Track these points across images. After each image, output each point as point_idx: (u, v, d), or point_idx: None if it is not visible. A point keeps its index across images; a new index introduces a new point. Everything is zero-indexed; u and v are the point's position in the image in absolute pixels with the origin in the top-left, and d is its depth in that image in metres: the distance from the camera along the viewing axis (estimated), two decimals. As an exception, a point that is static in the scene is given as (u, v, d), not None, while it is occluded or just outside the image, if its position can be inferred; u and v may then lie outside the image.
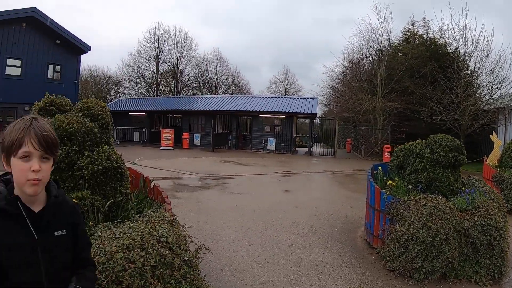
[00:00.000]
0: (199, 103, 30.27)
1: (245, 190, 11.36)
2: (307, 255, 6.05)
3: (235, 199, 10.07)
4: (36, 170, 1.56)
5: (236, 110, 27.10)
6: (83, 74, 47.22)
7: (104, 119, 4.64)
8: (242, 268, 5.46)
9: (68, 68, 27.99)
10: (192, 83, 55.24)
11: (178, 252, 3.40)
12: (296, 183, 13.16)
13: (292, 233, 7.17)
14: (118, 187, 4.34)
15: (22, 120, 1.64)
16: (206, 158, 21.31)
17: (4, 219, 1.57)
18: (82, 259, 1.85)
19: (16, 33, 24.81)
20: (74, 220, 1.82)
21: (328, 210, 8.99)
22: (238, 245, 6.43)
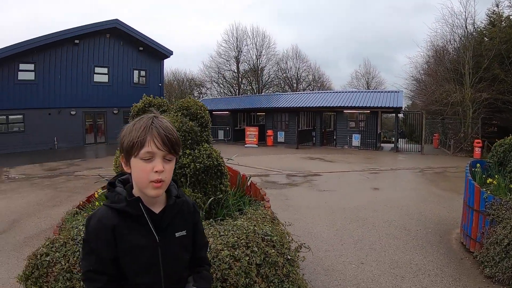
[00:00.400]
0: (281, 101, 30.42)
1: (333, 188, 11.33)
2: (401, 256, 5.92)
3: (324, 197, 10.09)
4: (160, 171, 1.50)
5: (319, 106, 26.85)
6: (167, 78, 49.31)
7: (203, 118, 4.70)
8: (335, 267, 5.47)
9: (153, 72, 30.02)
10: (273, 81, 55.46)
11: (282, 250, 3.34)
12: (385, 181, 12.91)
13: (385, 233, 7.07)
14: (218, 184, 4.39)
15: (142, 118, 1.57)
16: (291, 155, 21.39)
17: (125, 221, 1.56)
18: (199, 258, 1.82)
19: (102, 44, 27.22)
20: (194, 220, 1.79)
21: (420, 210, 8.74)
22: (330, 244, 6.45)
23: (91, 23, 26.53)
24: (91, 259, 1.55)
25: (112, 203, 1.59)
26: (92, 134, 28.49)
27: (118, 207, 1.56)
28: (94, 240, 1.55)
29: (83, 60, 26.85)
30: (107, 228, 1.54)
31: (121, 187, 1.64)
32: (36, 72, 24.90)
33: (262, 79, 54.09)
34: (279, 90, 53.72)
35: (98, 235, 1.54)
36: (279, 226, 3.93)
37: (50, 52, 25.25)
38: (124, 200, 1.57)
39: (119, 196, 1.59)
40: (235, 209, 4.45)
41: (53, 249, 3.24)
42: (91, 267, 1.54)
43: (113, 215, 1.56)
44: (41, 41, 24.24)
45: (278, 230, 3.65)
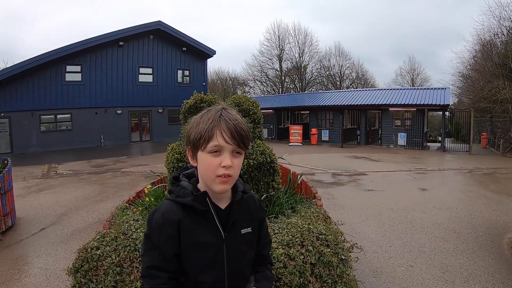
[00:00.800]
0: (325, 99, 30.07)
1: (380, 187, 11.07)
2: (450, 260, 5.68)
3: (371, 197, 9.88)
4: (227, 166, 1.43)
5: (364, 104, 26.41)
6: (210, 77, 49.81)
7: (256, 114, 4.73)
8: (383, 270, 5.33)
9: (196, 72, 30.57)
10: (316, 79, 54.92)
11: (336, 250, 3.25)
12: (432, 181, 12.47)
13: (434, 235, 6.81)
14: (270, 182, 4.37)
15: (210, 110, 1.52)
16: (336, 153, 21.14)
17: (190, 215, 1.51)
18: (262, 256, 1.75)
19: (145, 45, 27.98)
20: (260, 217, 1.73)
21: (470, 212, 8.38)
22: (378, 245, 6.29)
23: (134, 25, 27.29)
24: (153, 254, 1.50)
25: (177, 197, 1.54)
26: (137, 132, 29.12)
27: (183, 201, 1.51)
28: (157, 235, 1.50)
29: (128, 61, 27.64)
30: (171, 223, 1.49)
31: (186, 181, 1.60)
32: (83, 73, 25.91)
33: (305, 77, 53.69)
34: (323, 88, 53.25)
35: (162, 230, 1.49)
36: (332, 225, 3.85)
37: (96, 54, 26.17)
38: (190, 194, 1.52)
39: (185, 190, 1.55)
40: (288, 207, 4.37)
41: (103, 243, 3.27)
42: (152, 263, 1.50)
43: (178, 209, 1.51)
44: (87, 43, 25.19)
45: (331, 229, 3.56)
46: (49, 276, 5.53)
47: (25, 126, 23.96)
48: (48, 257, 6.30)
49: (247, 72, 56.25)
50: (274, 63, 53.68)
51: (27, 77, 23.74)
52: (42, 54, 23.87)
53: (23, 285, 5.30)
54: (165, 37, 28.83)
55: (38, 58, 23.67)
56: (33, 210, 9.29)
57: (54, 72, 24.75)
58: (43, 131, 24.98)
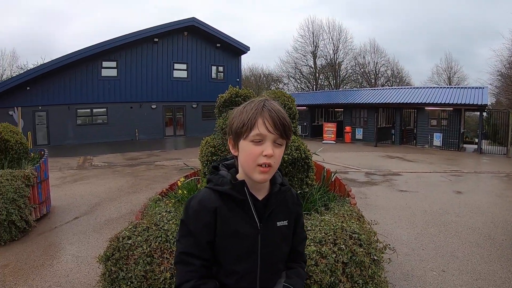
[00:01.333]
0: (360, 96, 29.63)
1: (414, 189, 10.82)
2: (484, 267, 5.45)
3: (404, 197, 9.66)
4: (269, 155, 1.44)
5: (399, 102, 25.74)
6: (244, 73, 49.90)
7: (291, 109, 4.70)
8: (415, 273, 5.18)
9: (230, 68, 30.75)
10: (351, 76, 54.18)
11: (368, 250, 3.18)
12: (468, 184, 12.06)
13: (468, 240, 6.57)
14: (304, 178, 4.32)
15: (253, 101, 1.54)
16: (370, 152, 20.83)
17: (227, 204, 1.52)
18: (296, 252, 1.74)
19: (180, 41, 28.35)
20: (297, 211, 1.73)
21: (506, 218, 8.02)
22: (411, 248, 6.14)
23: (169, 22, 27.61)
24: (188, 241, 1.52)
25: (216, 185, 1.56)
26: (171, 127, 29.45)
27: (221, 190, 1.53)
28: (193, 222, 1.52)
29: (163, 57, 28.01)
30: (208, 210, 1.51)
31: (225, 171, 1.62)
32: (118, 68, 26.49)
33: (339, 74, 53.04)
34: (357, 85, 52.38)
35: (198, 217, 1.51)
36: (366, 224, 3.77)
37: (131, 50, 26.72)
38: (228, 183, 1.54)
39: (223, 179, 1.57)
40: (321, 204, 4.31)
41: (135, 233, 3.31)
42: (186, 249, 1.52)
43: (215, 197, 1.53)
44: (123, 40, 25.73)
45: (365, 229, 3.49)
46: (80, 263, 5.65)
47: (62, 119, 24.74)
48: (80, 245, 6.45)
49: (281, 68, 56.26)
50: (308, 60, 53.35)
51: (64, 72, 24.50)
52: (79, 50, 24.54)
53: (55, 270, 5.43)
54: (199, 34, 29.05)
55: (75, 54, 24.36)
56: (67, 200, 9.52)
57: (91, 68, 25.46)
58: (79, 124, 25.72)
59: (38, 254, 6.06)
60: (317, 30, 51.92)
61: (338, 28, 52.34)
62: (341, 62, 52.57)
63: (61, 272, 5.36)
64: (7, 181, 6.64)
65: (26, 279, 5.18)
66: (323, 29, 52.09)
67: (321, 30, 51.99)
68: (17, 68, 45.00)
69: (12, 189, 6.57)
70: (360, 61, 53.57)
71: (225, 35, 29.67)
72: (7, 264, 5.68)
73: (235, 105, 4.73)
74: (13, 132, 8.14)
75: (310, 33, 51.94)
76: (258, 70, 57.96)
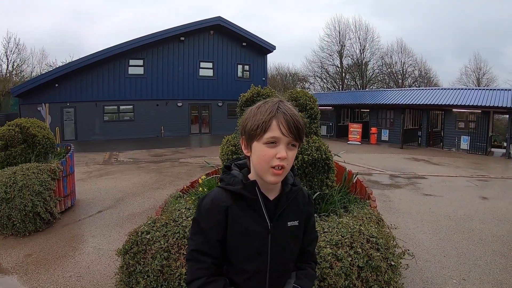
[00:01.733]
0: (386, 97, 28.95)
1: (439, 193, 10.58)
2: (506, 277, 5.26)
3: (428, 202, 9.47)
4: (283, 158, 1.44)
5: (426, 104, 24.99)
6: (270, 72, 49.77)
7: (313, 109, 4.66)
8: (435, 281, 5.07)
9: (256, 67, 30.84)
10: (377, 76, 53.21)
11: (386, 255, 3.13)
12: (495, 190, 11.67)
13: (491, 248, 6.36)
14: (324, 179, 4.29)
15: (267, 102, 1.51)
16: (395, 155, 20.47)
17: (239, 204, 1.54)
18: (306, 252, 1.75)
19: (206, 40, 28.60)
20: (308, 211, 1.73)
21: None
22: (432, 254, 6.00)
23: (195, 21, 27.85)
24: (199, 238, 1.56)
25: (227, 185, 1.58)
26: (197, 125, 29.67)
27: (233, 189, 1.54)
28: (205, 220, 1.55)
29: (189, 56, 28.26)
30: (219, 209, 1.53)
31: (237, 171, 1.64)
32: (145, 67, 26.90)
33: (366, 74, 52.17)
34: (384, 86, 51.23)
35: (210, 215, 1.54)
36: (385, 228, 3.72)
37: (158, 48, 27.06)
38: (240, 182, 1.56)
39: (235, 178, 1.58)
40: (340, 206, 4.28)
41: (154, 228, 3.37)
42: (197, 246, 1.55)
43: (227, 197, 1.55)
44: (150, 39, 26.12)
45: (383, 233, 3.44)
46: (101, 255, 5.78)
47: (89, 116, 25.31)
48: (102, 238, 6.61)
49: (307, 68, 55.78)
50: (335, 59, 52.72)
51: (92, 70, 25.10)
52: (107, 48, 25.16)
53: (76, 261, 5.60)
54: (225, 33, 29.19)
55: (103, 52, 24.96)
56: (92, 194, 9.72)
57: (118, 66, 25.99)
58: (106, 120, 26.24)
59: (61, 245, 6.24)
60: (344, 29, 51.22)
61: (365, 27, 51.47)
62: (367, 61, 51.66)
63: (82, 264, 5.52)
64: (34, 174, 6.87)
65: (48, 268, 5.35)
66: (349, 28, 51.32)
67: (347, 29, 51.23)
68: (46, 65, 46.10)
69: (38, 182, 6.79)
70: (387, 61, 52.41)
71: (251, 34, 29.73)
72: (31, 253, 5.88)
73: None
74: (41, 127, 8.36)
75: (337, 32, 51.32)
76: (284, 69, 57.74)
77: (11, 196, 6.43)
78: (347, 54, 51.76)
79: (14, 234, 6.55)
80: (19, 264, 5.53)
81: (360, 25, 51.64)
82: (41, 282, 4.95)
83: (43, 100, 22.37)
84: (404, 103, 26.00)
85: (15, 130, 7.86)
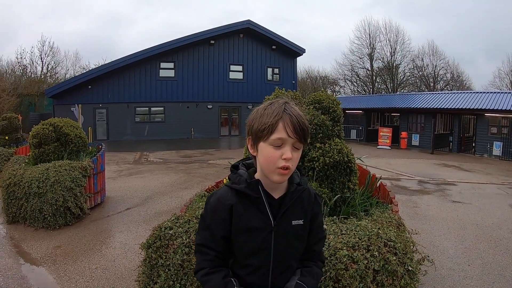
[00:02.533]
0: (417, 101, 28.33)
1: (467, 200, 10.35)
2: None
3: (456, 209, 9.28)
4: (288, 159, 1.48)
5: (458, 108, 24.20)
6: (300, 75, 49.33)
7: (335, 112, 4.64)
8: None
9: (286, 70, 30.80)
10: (408, 79, 51.87)
11: (403, 260, 3.10)
12: None
13: None
14: (346, 182, 4.30)
15: (273, 103, 1.55)
16: (425, 160, 20.12)
17: (243, 202, 1.59)
18: (313, 252, 1.78)
19: (236, 43, 28.81)
20: (314, 210, 1.75)
21: None
22: (456, 262, 5.85)
23: (225, 25, 28.09)
24: (205, 234, 1.65)
25: (233, 183, 1.64)
26: (226, 127, 29.83)
27: (237, 188, 1.60)
28: (210, 217, 1.64)
29: (219, 59, 28.50)
30: (224, 207, 1.60)
31: (244, 170, 1.69)
32: (176, 69, 27.30)
33: (397, 77, 51.00)
34: (415, 89, 49.99)
35: (215, 213, 1.62)
36: (405, 233, 3.69)
37: (188, 51, 27.44)
38: (244, 181, 1.60)
39: (240, 177, 1.63)
40: (361, 209, 4.28)
41: (177, 224, 3.48)
42: (202, 241, 1.65)
43: (232, 195, 1.62)
44: (180, 42, 26.54)
45: (402, 237, 3.42)
46: (127, 250, 5.97)
47: (121, 117, 25.94)
48: (129, 233, 6.83)
49: (337, 71, 55.09)
50: (365, 62, 51.83)
51: (124, 72, 25.77)
52: (138, 51, 25.76)
53: (103, 255, 5.82)
54: (254, 36, 29.30)
55: (135, 55, 25.62)
56: (121, 192, 10.01)
57: (149, 68, 26.51)
58: (137, 121, 26.77)
59: (89, 239, 6.50)
60: (374, 32, 50.18)
61: (395, 29, 50.11)
62: (398, 64, 50.39)
63: (108, 257, 5.73)
64: (66, 171, 7.19)
65: (75, 260, 5.60)
66: (379, 30, 50.15)
67: (377, 32, 50.13)
68: (80, 68, 47.87)
69: (69, 178, 7.12)
70: (418, 63, 50.87)
71: (280, 37, 29.73)
72: (60, 245, 6.17)
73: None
74: (73, 126, 8.66)
75: (367, 34, 50.37)
76: (314, 73, 57.14)
77: (43, 191, 6.78)
78: (377, 57, 50.77)
79: (45, 227, 6.89)
80: (48, 255, 5.81)
81: (391, 27, 50.25)
82: (67, 272, 5.18)
83: (76, 101, 23.01)
84: (435, 107, 25.43)
85: (49, 129, 8.17)
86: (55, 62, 45.65)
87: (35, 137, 8.11)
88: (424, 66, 50.67)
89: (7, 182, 7.29)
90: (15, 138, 15.25)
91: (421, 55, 50.29)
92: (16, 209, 7.13)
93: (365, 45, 50.85)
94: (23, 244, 6.30)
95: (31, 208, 6.87)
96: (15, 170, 7.56)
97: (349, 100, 35.54)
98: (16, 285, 4.81)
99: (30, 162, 8.41)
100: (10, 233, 6.86)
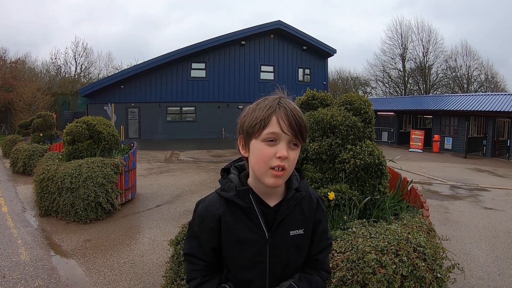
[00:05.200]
0: (450, 103, 27.42)
1: (500, 207, 10.00)
2: None
3: (489, 216, 8.99)
4: (283, 157, 1.31)
5: (492, 110, 23.30)
6: (331, 76, 48.88)
7: (367, 113, 4.60)
8: None
9: (317, 70, 30.76)
10: (441, 80, 50.34)
11: (432, 266, 3.01)
12: None
13: None
14: (377, 184, 4.25)
15: (267, 98, 1.40)
16: (458, 164, 19.63)
17: (233, 211, 1.43)
18: (316, 261, 1.59)
19: (266, 44, 28.96)
20: (316, 217, 1.56)
21: None
22: (486, 271, 5.64)
23: (255, 25, 28.27)
24: (193, 243, 1.52)
25: (222, 190, 1.47)
26: (258, 127, 29.92)
27: (226, 196, 1.44)
28: (198, 226, 1.50)
29: (250, 60, 28.72)
30: (212, 217, 1.45)
31: (235, 174, 1.52)
32: (207, 70, 27.67)
33: (429, 78, 49.64)
34: (449, 91, 48.55)
35: (203, 222, 1.48)
36: (435, 239, 3.60)
37: (219, 52, 27.76)
38: (234, 188, 1.43)
39: (230, 184, 1.47)
40: (391, 213, 4.20)
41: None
42: (190, 251, 1.53)
43: (221, 203, 1.46)
44: (211, 43, 26.86)
45: (432, 243, 3.32)
46: (156, 246, 6.09)
47: (152, 116, 26.45)
48: (158, 230, 6.97)
49: (368, 72, 54.22)
50: (397, 63, 50.59)
51: (156, 73, 26.32)
52: (170, 52, 26.29)
53: (131, 250, 5.98)
54: (285, 36, 29.32)
55: (166, 56, 26.13)
56: (152, 189, 10.18)
57: (181, 69, 26.97)
58: (169, 121, 27.26)
59: (119, 234, 6.67)
60: (406, 32, 48.86)
61: (428, 29, 48.62)
62: (431, 65, 48.93)
63: (136, 252, 5.88)
64: (98, 167, 7.41)
65: (104, 254, 5.77)
66: (411, 30, 48.78)
67: (409, 32, 48.80)
68: (112, 68, 49.32)
69: (101, 174, 7.33)
70: (451, 64, 49.05)
71: (311, 38, 29.61)
72: (90, 239, 6.37)
73: (311, 107, 4.81)
74: (106, 125, 8.87)
75: (398, 34, 49.11)
76: (345, 73, 56.50)
77: (75, 186, 7.03)
78: (409, 57, 49.46)
79: (76, 220, 7.15)
80: (78, 247, 6.01)
81: (423, 27, 48.72)
82: (96, 265, 5.34)
83: (109, 100, 23.63)
84: (468, 109, 24.56)
85: (82, 126, 8.40)
86: (88, 62, 47.03)
87: (69, 134, 8.36)
88: (458, 67, 48.91)
89: (41, 177, 7.63)
90: (49, 135, 15.80)
91: (454, 55, 48.51)
92: (48, 203, 7.45)
93: (397, 45, 49.77)
94: (54, 236, 6.54)
95: (63, 202, 7.14)
96: (49, 165, 7.89)
97: (380, 102, 34.95)
98: (46, 275, 4.98)
99: (63, 158, 8.69)
100: (42, 226, 7.14)
